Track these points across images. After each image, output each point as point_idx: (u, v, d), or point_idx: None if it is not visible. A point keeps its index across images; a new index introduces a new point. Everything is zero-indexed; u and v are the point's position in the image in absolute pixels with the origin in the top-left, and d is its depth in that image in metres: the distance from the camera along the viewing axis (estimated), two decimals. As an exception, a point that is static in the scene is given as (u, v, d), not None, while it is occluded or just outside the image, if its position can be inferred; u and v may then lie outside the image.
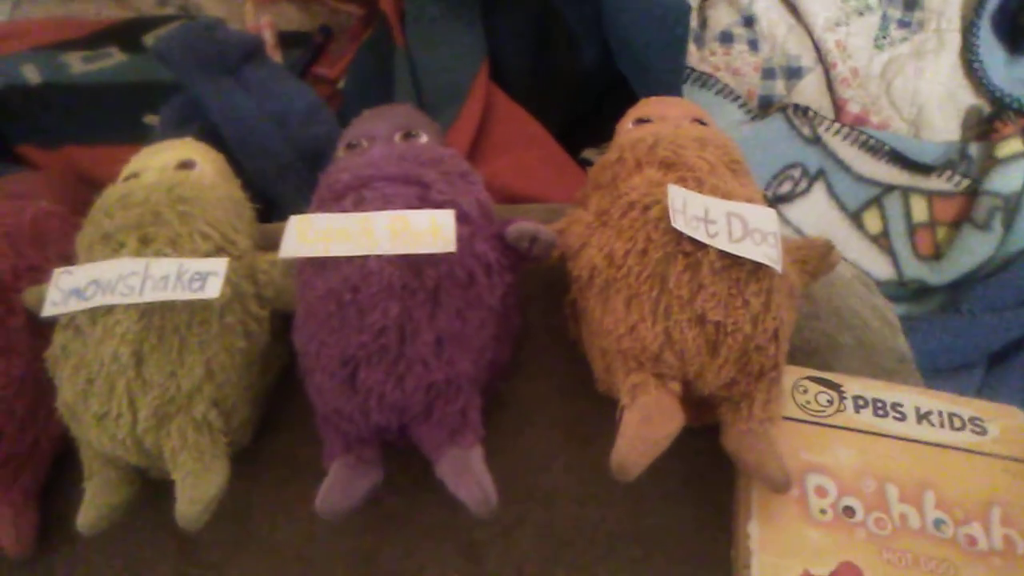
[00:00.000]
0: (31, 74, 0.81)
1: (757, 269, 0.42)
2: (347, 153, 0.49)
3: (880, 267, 0.70)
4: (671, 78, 0.69)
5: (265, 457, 0.49)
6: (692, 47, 0.71)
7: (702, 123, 0.50)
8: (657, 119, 0.50)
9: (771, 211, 0.44)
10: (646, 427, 0.41)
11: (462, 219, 0.44)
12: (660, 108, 0.52)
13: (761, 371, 0.42)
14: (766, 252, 0.42)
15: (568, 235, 0.46)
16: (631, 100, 0.55)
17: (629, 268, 0.43)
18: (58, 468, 0.51)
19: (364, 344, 0.41)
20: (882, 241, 0.70)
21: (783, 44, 0.71)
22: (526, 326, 0.50)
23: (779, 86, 0.72)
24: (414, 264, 0.42)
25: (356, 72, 0.73)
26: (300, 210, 0.45)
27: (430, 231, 0.42)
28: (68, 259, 0.49)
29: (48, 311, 0.46)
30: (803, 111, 0.69)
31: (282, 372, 0.50)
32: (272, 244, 0.48)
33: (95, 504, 0.45)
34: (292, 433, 0.50)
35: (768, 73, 0.72)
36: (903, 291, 0.70)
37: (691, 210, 0.43)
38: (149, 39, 0.81)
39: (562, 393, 0.49)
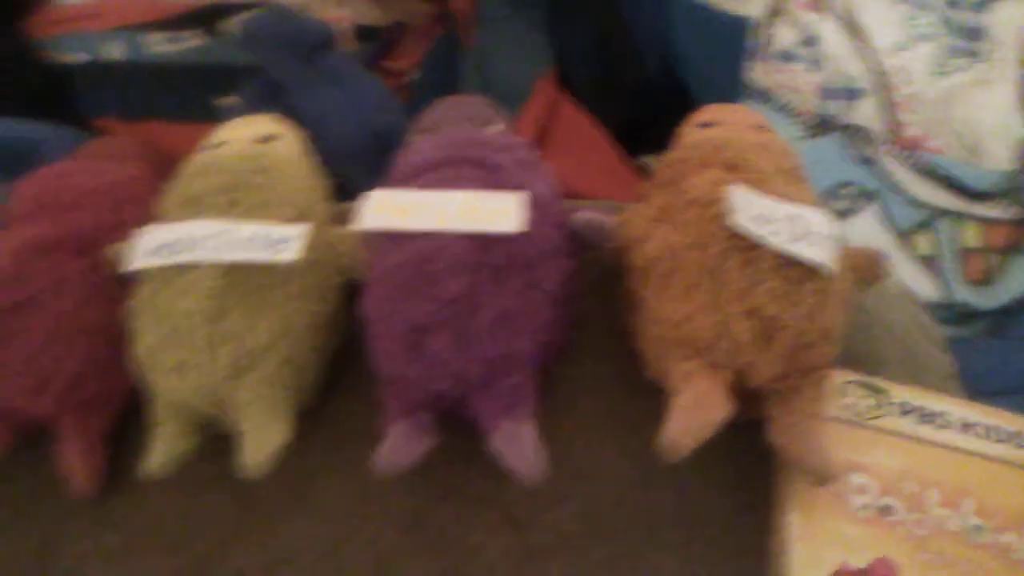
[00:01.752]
0: (114, 51, 0.85)
1: (812, 270, 0.43)
2: (422, 137, 0.52)
3: (928, 289, 0.71)
4: (730, 92, 0.71)
5: (322, 418, 0.51)
6: (753, 63, 0.73)
7: (763, 130, 0.52)
8: (721, 124, 0.52)
9: (828, 215, 0.45)
10: (695, 412, 0.42)
11: (530, 204, 0.46)
12: (724, 114, 0.53)
13: (811, 367, 0.43)
14: (822, 254, 0.44)
15: (629, 227, 0.48)
16: (688, 109, 0.57)
17: (687, 261, 0.44)
18: (122, 417, 0.54)
19: (432, 314, 0.43)
20: (931, 263, 0.71)
21: (844, 65, 0.73)
22: (580, 313, 0.52)
23: (837, 106, 0.73)
24: (484, 242, 0.44)
25: (428, 68, 0.76)
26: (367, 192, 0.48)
27: (502, 212, 0.45)
28: (148, 220, 0.51)
29: (132, 265, 0.49)
30: (860, 132, 0.71)
31: (345, 339, 0.52)
32: (343, 221, 0.51)
33: (162, 450, 0.48)
34: (348, 398, 0.52)
35: (827, 93, 0.73)
36: (949, 314, 0.71)
37: (751, 210, 0.44)
38: (232, 23, 0.85)
39: (612, 379, 0.51)
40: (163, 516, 0.51)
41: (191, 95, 0.81)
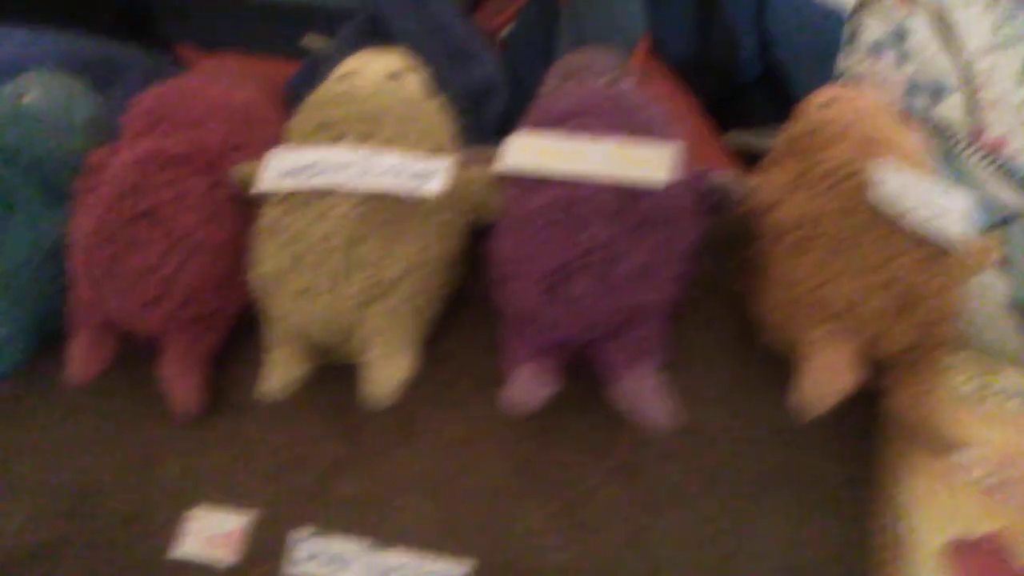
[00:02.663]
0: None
1: (946, 247, 0.44)
2: (561, 84, 0.52)
3: (999, 290, 0.72)
4: (822, 78, 0.72)
5: (435, 357, 0.51)
6: (843, 53, 0.74)
7: (890, 111, 0.53)
8: (848, 102, 0.53)
9: (966, 196, 0.46)
10: (826, 378, 0.43)
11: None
12: (851, 94, 0.54)
13: (938, 341, 0.45)
14: (959, 232, 0.45)
15: (761, 193, 0.49)
16: (777, 91, 0.58)
17: (827, 228, 0.45)
18: (229, 339, 0.54)
19: (571, 260, 0.44)
20: (1004, 265, 0.72)
21: (931, 62, 0.74)
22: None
23: (921, 103, 0.74)
24: (629, 193, 0.45)
25: (521, 26, 0.75)
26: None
27: (651, 163, 0.45)
28: (272, 142, 0.51)
29: (262, 187, 0.49)
30: (942, 129, 0.72)
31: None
32: (471, 163, 0.51)
33: (277, 374, 0.48)
34: (460, 339, 0.52)
35: (912, 89, 0.74)
36: (1020, 315, 0.72)
37: (894, 184, 0.45)
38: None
39: (723, 343, 0.52)
40: (266, 442, 0.51)
41: (275, 31, 0.80)
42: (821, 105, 0.54)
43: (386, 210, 0.46)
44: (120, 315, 0.50)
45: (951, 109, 0.74)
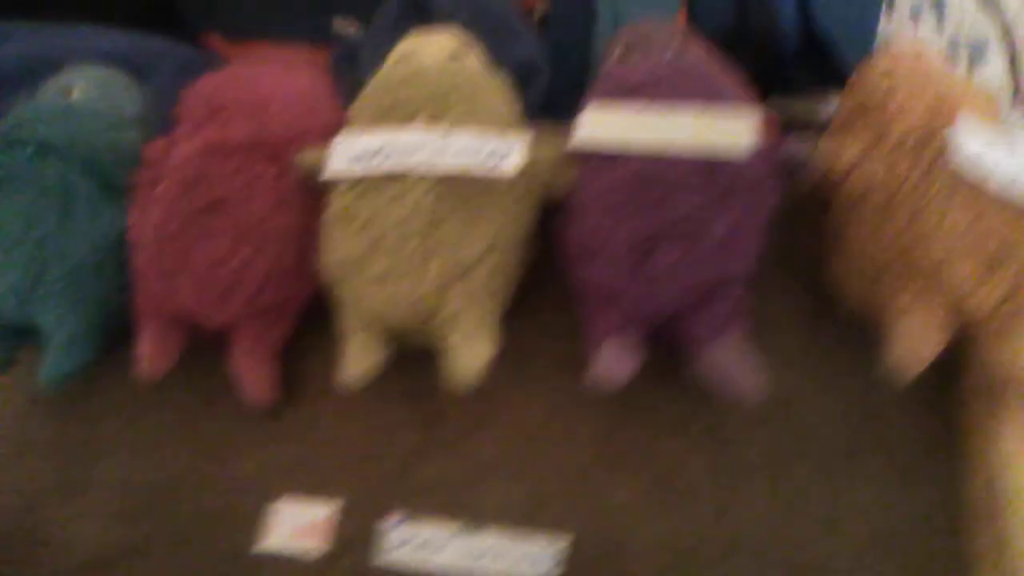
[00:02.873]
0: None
1: (1030, 207, 0.44)
2: (625, 56, 0.51)
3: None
4: (864, 45, 0.71)
5: (510, 339, 0.50)
6: (883, 18, 0.74)
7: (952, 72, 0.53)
8: (907, 63, 0.52)
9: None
10: (918, 340, 0.43)
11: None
12: (906, 56, 0.54)
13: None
14: (1042, 191, 0.44)
15: (835, 161, 0.49)
16: (818, 58, 0.57)
17: (907, 194, 0.45)
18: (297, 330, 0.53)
19: (657, 233, 0.43)
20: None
21: (971, 24, 0.74)
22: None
23: (962, 64, 0.74)
24: (709, 163, 0.44)
25: (559, 3, 0.75)
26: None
27: (732, 132, 0.45)
28: (333, 128, 0.50)
29: (331, 173, 0.48)
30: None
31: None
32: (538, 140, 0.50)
33: (356, 361, 0.47)
34: (534, 320, 0.52)
35: (952, 51, 0.74)
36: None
37: (970, 146, 0.45)
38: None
39: (800, 310, 0.52)
40: (345, 431, 0.51)
41: (301, 17, 0.79)
42: (883, 72, 0.53)
43: (463, 191, 0.46)
44: (191, 308, 0.49)
45: (992, 69, 0.74)
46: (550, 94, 0.70)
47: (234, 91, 0.52)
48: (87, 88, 0.56)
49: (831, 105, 0.67)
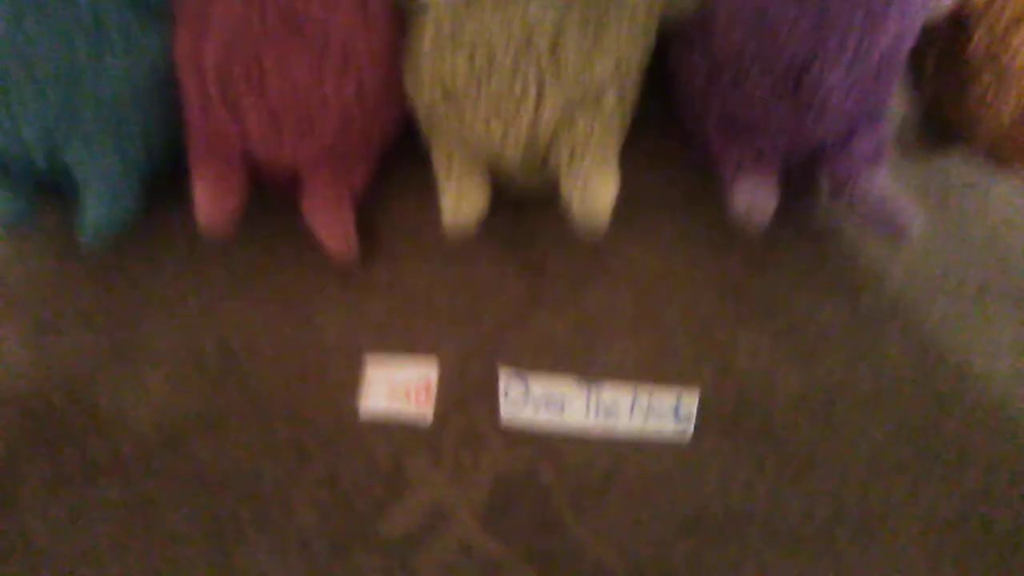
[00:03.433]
0: None
1: None
2: None
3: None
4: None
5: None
6: None
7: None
8: None
9: None
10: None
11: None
12: None
13: None
14: None
15: None
16: None
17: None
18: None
19: (819, 53, 0.39)
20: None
21: None
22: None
23: None
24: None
25: None
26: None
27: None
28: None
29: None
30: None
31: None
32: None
33: (462, 206, 0.42)
34: (642, 165, 0.47)
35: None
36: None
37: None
38: None
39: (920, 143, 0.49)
40: (438, 286, 0.45)
41: None
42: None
43: (584, 10, 0.40)
44: (259, 147, 0.42)
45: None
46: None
47: None
48: None
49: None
